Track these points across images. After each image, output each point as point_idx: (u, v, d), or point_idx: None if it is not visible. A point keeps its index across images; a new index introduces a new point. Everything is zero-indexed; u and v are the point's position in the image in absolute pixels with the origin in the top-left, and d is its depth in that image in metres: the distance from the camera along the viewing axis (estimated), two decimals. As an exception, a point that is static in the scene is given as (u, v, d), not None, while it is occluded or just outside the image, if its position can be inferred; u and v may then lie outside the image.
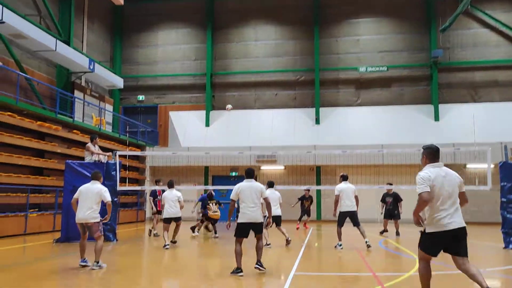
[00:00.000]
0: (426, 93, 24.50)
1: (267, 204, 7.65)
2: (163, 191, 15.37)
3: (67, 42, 20.36)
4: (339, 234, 11.13)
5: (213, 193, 15.01)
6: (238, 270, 7.12)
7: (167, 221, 11.51)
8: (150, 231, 14.80)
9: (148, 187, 16.38)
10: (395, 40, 25.09)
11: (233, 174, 23.93)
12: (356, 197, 11.00)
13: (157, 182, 15.30)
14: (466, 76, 24.22)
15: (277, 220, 11.66)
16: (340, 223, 11.11)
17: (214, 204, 14.60)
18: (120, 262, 8.89)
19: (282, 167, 23.81)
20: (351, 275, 7.34)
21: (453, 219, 4.90)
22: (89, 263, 7.81)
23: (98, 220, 7.92)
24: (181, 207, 11.76)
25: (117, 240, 12.73)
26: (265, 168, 24.00)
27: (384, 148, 20.94)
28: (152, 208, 15.24)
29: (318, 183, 22.98)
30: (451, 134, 22.66)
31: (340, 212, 10.99)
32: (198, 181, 24.10)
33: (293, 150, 19.76)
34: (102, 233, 8.01)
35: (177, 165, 22.91)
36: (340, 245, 11.02)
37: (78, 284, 6.57)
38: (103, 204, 8.03)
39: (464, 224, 4.97)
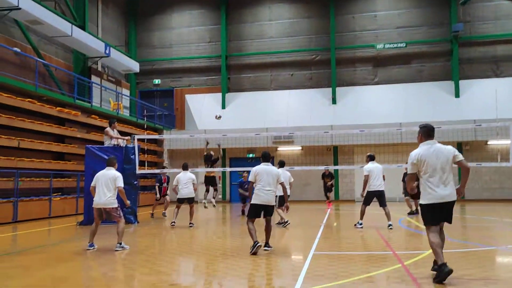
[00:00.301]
0: (446, 69, 23.97)
1: (283, 189, 7.94)
2: (168, 178, 15.81)
3: (82, 27, 20.45)
4: (362, 213, 11.00)
5: (212, 154, 14.98)
6: (256, 243, 7.26)
7: (180, 201, 11.89)
8: (152, 214, 15.21)
9: (167, 170, 16.56)
10: (413, 15, 24.48)
11: (250, 156, 23.99)
12: (383, 177, 10.96)
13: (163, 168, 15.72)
14: (488, 50, 23.58)
15: (281, 201, 11.62)
16: (367, 202, 10.95)
17: (209, 165, 14.55)
18: (141, 243, 9.07)
19: (299, 148, 23.77)
20: (371, 254, 7.35)
21: (440, 192, 5.42)
22: (96, 248, 8.05)
23: (116, 205, 8.10)
24: (195, 190, 11.99)
25: (138, 222, 12.97)
26: (282, 149, 23.99)
27: (402, 126, 20.66)
28: (156, 194, 15.50)
29: (336, 163, 22.90)
30: (472, 110, 22.22)
31: (368, 192, 10.88)
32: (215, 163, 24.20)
33: (309, 131, 19.65)
34: (122, 216, 8.19)
35: (194, 147, 23.07)
36: (361, 224, 10.99)
37: (103, 264, 6.73)
38: None
39: (453, 199, 5.49)
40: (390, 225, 10.56)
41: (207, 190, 14.53)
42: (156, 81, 26.97)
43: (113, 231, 9.28)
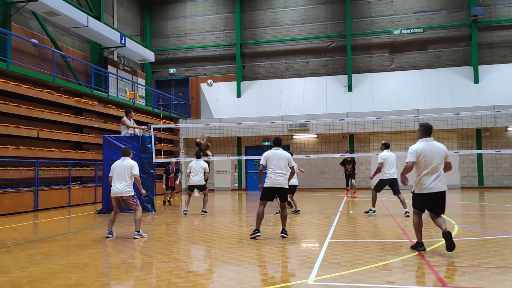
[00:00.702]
0: (465, 54, 23.50)
1: (292, 172, 8.08)
2: (177, 168, 16.17)
3: (98, 18, 20.59)
4: (374, 200, 11.07)
5: (200, 142, 15.26)
6: (256, 231, 7.73)
7: (191, 188, 12.12)
8: (165, 201, 15.66)
9: (183, 159, 16.72)
10: (431, -1, 23.98)
11: (266, 144, 24.00)
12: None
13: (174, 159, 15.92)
14: (508, 34, 23.01)
15: (293, 189, 11.69)
16: (378, 189, 11.00)
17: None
18: (159, 231, 9.20)
19: (315, 136, 23.69)
20: (387, 242, 7.33)
21: (434, 184, 6.13)
22: (114, 236, 8.26)
23: (132, 193, 8.27)
24: (206, 178, 12.23)
25: (155, 210, 13.15)
26: (297, 137, 23.95)
27: (420, 113, 20.39)
28: (163, 185, 15.99)
29: (352, 151, 22.78)
30: (492, 96, 21.82)
31: (381, 180, 10.86)
32: (231, 152, 24.38)
33: (325, 118, 19.55)
34: (139, 205, 8.36)
35: (210, 136, 23.15)
36: (374, 211, 10.96)
37: (122, 251, 6.87)
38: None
39: (444, 189, 6.19)
40: (406, 212, 10.51)
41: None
42: (171, 70, 27.07)
43: (131, 220, 9.45)
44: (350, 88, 24.26)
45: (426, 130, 6.46)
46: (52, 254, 6.68)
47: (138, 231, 8.20)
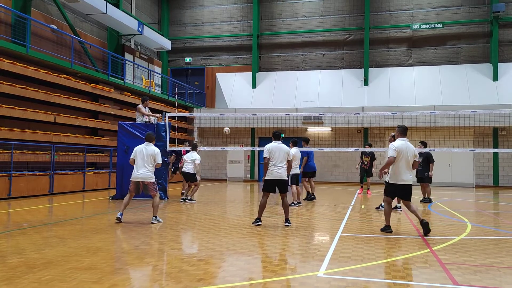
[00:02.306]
0: (485, 51, 23.10)
1: (289, 166, 8.48)
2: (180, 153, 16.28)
3: (117, 5, 20.69)
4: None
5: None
6: (257, 220, 8.27)
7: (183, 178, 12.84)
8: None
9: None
10: (452, -6, 23.57)
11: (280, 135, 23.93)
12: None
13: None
14: (530, 32, 22.51)
15: (296, 179, 11.78)
16: None
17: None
18: (171, 218, 9.29)
19: (329, 129, 23.59)
20: (399, 237, 7.31)
21: (405, 177, 7.41)
22: (122, 219, 8.43)
23: (153, 179, 8.47)
24: (197, 171, 12.60)
25: (168, 198, 13.27)
26: (311, 129, 23.88)
27: (436, 109, 20.17)
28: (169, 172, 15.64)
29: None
30: (511, 94, 21.46)
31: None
32: (245, 143, 24.42)
33: (340, 112, 19.44)
34: (157, 191, 8.53)
35: (224, 126, 23.18)
36: (399, 207, 10.88)
37: (134, 237, 6.96)
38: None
39: (411, 182, 7.49)
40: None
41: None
42: (188, 59, 27.13)
43: (144, 206, 9.55)
44: (366, 82, 24.05)
45: (403, 131, 7.62)
46: (66, 238, 6.80)
47: (156, 217, 8.42)
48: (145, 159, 8.39)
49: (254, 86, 25.67)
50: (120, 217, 8.35)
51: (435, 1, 23.77)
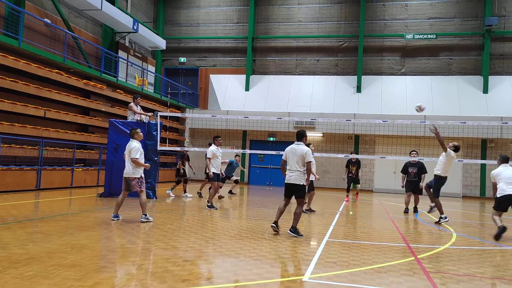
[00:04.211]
0: (476, 63, 23.38)
1: (308, 170, 7.70)
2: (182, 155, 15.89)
3: (112, 2, 20.61)
4: (439, 206, 10.42)
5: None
6: (274, 223, 7.86)
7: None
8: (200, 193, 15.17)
9: (187, 148, 16.56)
10: (446, 6, 23.86)
11: (271, 139, 24.02)
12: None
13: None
14: (521, 46, 22.84)
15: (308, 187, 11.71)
16: (437, 194, 10.45)
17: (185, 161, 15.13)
18: (159, 218, 9.24)
19: (320, 134, 23.67)
20: (385, 245, 7.35)
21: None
22: (120, 219, 8.42)
23: (137, 176, 8.39)
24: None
25: (156, 197, 13.21)
26: (303, 134, 23.90)
27: (427, 119, 20.32)
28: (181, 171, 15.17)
29: (356, 152, 22.76)
30: (500, 107, 21.72)
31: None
32: (236, 145, 24.40)
33: (332, 118, 19.52)
34: (142, 188, 8.47)
35: (216, 128, 23.22)
36: (446, 217, 10.38)
37: (121, 235, 6.92)
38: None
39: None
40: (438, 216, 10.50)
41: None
42: (182, 59, 27.09)
43: (131, 205, 9.51)
44: (359, 89, 24.19)
45: (503, 160, 8.63)
46: (51, 234, 6.74)
47: (145, 215, 8.40)
48: (127, 155, 8.47)
49: (247, 88, 25.70)
50: (114, 219, 8.35)
51: (429, 12, 24.03)
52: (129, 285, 4.42)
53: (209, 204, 11.30)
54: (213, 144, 11.81)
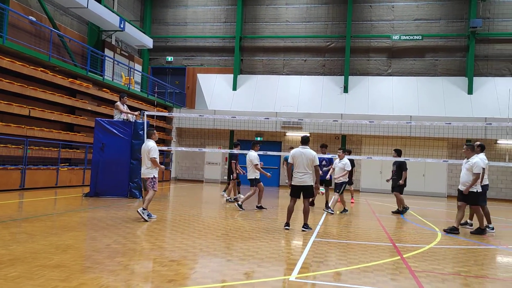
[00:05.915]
0: (461, 64, 23.69)
1: (316, 171, 8.37)
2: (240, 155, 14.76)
3: (99, 0, 20.39)
4: (488, 215, 9.81)
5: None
6: (286, 225, 8.43)
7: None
8: (230, 198, 14.19)
9: (174, 148, 16.55)
10: (432, 7, 24.12)
11: (258, 139, 24.01)
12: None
13: (235, 146, 14.33)
14: (505, 48, 23.23)
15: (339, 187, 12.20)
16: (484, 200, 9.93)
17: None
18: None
19: (308, 134, 23.72)
20: (371, 244, 7.40)
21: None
22: (155, 218, 8.92)
23: (151, 175, 8.79)
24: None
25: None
26: (290, 134, 24.00)
27: (412, 120, 20.55)
28: (233, 173, 14.20)
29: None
30: (484, 108, 22.03)
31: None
32: (223, 145, 24.36)
33: (319, 118, 19.61)
34: (156, 189, 8.85)
35: (203, 127, 23.17)
36: (492, 228, 9.78)
37: (106, 235, 6.86)
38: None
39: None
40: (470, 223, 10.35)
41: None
42: (169, 58, 26.95)
43: (117, 205, 9.41)
44: (346, 90, 24.34)
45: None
46: (35, 234, 6.65)
47: (144, 209, 8.64)
48: (144, 155, 8.79)
49: (234, 88, 25.67)
50: (152, 217, 8.82)
51: (415, 13, 24.28)
52: (115, 285, 4.38)
53: (258, 205, 11.87)
54: (252, 150, 11.95)
